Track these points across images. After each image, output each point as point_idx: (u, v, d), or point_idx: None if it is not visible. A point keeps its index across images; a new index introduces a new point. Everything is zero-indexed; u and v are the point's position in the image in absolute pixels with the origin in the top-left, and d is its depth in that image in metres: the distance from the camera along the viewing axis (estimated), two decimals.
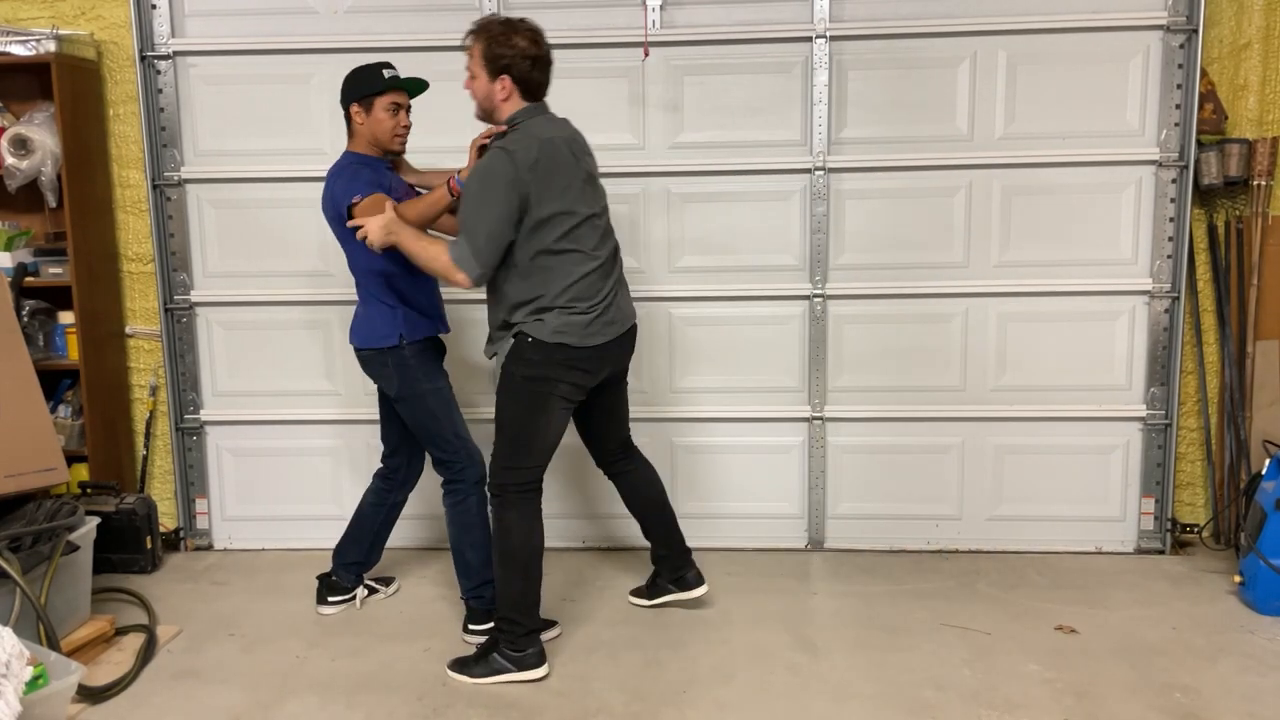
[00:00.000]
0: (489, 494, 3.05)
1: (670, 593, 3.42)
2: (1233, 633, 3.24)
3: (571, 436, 3.30)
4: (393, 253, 2.98)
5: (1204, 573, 3.70)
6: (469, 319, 3.90)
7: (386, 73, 3.11)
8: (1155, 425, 3.84)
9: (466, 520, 3.19)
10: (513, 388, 2.95)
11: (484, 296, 3.06)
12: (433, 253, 2.87)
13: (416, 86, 3.18)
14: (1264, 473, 3.52)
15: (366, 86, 3.10)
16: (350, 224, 2.97)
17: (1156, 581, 3.64)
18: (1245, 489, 3.72)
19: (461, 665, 3.02)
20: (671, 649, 3.18)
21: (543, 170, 2.82)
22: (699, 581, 3.40)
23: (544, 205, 2.83)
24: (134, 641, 3.25)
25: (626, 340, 3.07)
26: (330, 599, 3.48)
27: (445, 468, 3.19)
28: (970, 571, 3.73)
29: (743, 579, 3.69)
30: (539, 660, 2.99)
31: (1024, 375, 3.86)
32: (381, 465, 3.44)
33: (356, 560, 3.48)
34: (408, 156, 3.82)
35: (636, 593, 3.51)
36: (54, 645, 2.86)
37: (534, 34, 2.90)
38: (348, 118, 3.15)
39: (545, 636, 3.14)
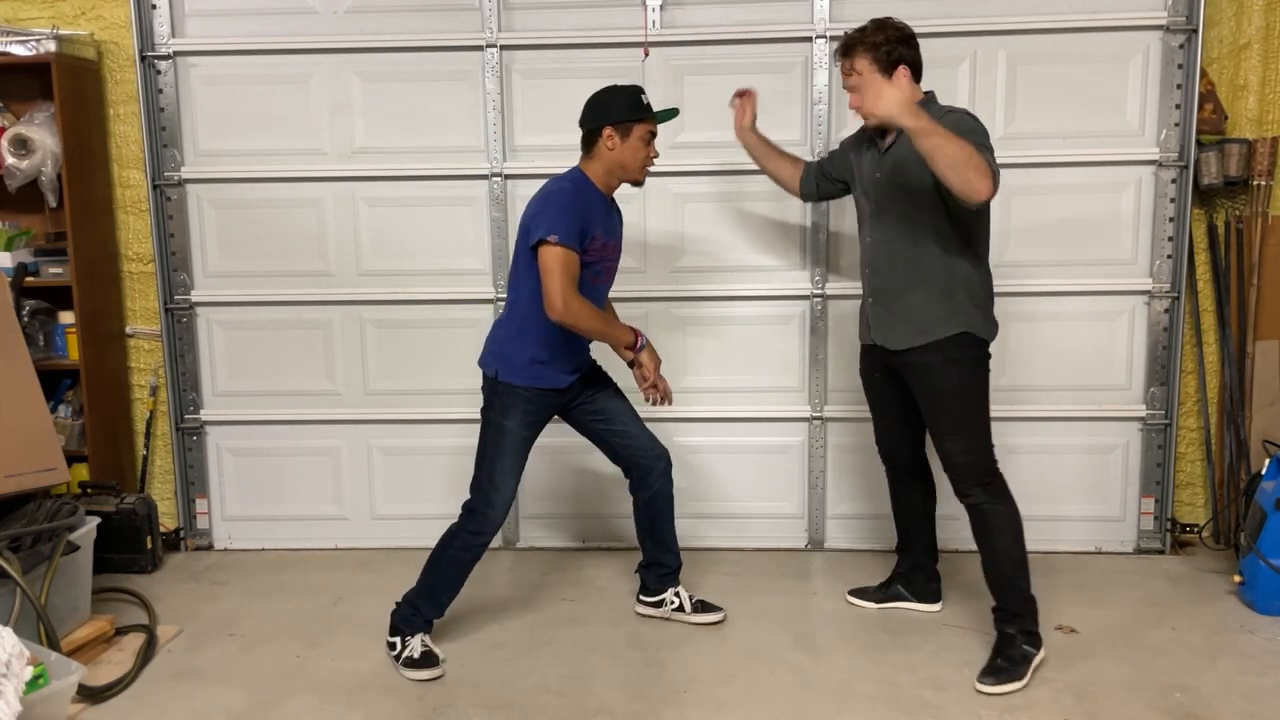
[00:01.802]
0: (979, 487, 2.94)
1: (906, 600, 3.43)
2: (1232, 633, 3.25)
3: (574, 439, 3.31)
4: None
5: (1204, 573, 3.70)
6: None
7: (645, 98, 3.00)
8: (1155, 425, 3.84)
9: (440, 552, 3.10)
10: (973, 371, 2.96)
11: None
12: (968, 149, 2.59)
13: (669, 116, 3.08)
14: (1264, 473, 3.52)
15: (628, 112, 2.97)
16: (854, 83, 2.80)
17: (1156, 581, 3.64)
18: (1245, 489, 3.72)
19: (995, 677, 2.90)
20: (671, 649, 3.18)
21: None
22: (938, 597, 3.43)
23: None
24: (134, 641, 3.25)
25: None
26: (640, 597, 3.44)
27: (467, 501, 3.10)
28: (970, 571, 3.72)
29: (743, 579, 3.69)
30: (1040, 638, 3.01)
31: (1024, 375, 3.86)
32: None
33: (648, 561, 3.40)
34: (416, 155, 3.82)
35: (860, 594, 3.49)
36: (54, 645, 2.86)
37: (891, 19, 2.91)
38: (593, 139, 3.02)
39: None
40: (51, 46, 3.66)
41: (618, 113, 2.98)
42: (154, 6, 3.81)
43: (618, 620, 3.38)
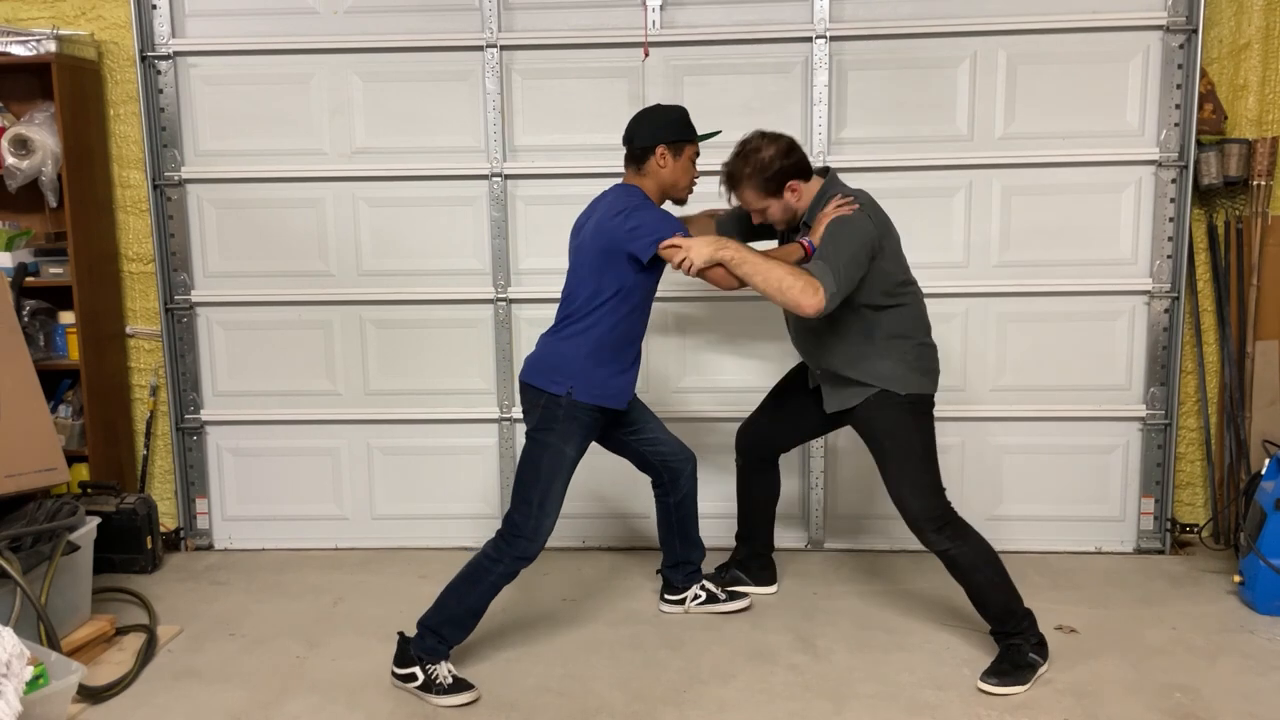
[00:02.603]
0: (936, 533, 2.95)
1: (745, 584, 3.53)
2: (1232, 633, 3.25)
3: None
4: (638, 310, 2.96)
5: (1204, 573, 3.70)
6: None
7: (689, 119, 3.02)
8: (1155, 425, 3.84)
9: (478, 578, 2.93)
10: (906, 421, 2.96)
11: None
12: (778, 278, 2.74)
13: (711, 137, 3.08)
14: (1264, 473, 3.52)
15: (683, 132, 2.97)
16: (665, 246, 2.82)
17: (1156, 581, 3.64)
18: (1245, 489, 3.72)
19: (998, 678, 2.90)
20: (671, 649, 3.18)
21: (883, 219, 2.93)
22: (773, 579, 3.58)
23: (888, 249, 2.90)
24: (134, 641, 3.25)
25: None
26: (665, 596, 3.46)
27: (508, 524, 2.94)
28: None
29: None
30: (1047, 648, 3.00)
31: (1024, 375, 3.86)
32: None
33: (674, 561, 3.42)
34: (416, 155, 3.80)
35: (715, 579, 3.52)
36: (54, 645, 2.86)
37: (765, 136, 2.96)
38: (644, 155, 2.96)
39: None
40: (52, 46, 3.66)
41: (671, 131, 2.96)
42: (154, 6, 3.81)
43: (618, 620, 3.39)
